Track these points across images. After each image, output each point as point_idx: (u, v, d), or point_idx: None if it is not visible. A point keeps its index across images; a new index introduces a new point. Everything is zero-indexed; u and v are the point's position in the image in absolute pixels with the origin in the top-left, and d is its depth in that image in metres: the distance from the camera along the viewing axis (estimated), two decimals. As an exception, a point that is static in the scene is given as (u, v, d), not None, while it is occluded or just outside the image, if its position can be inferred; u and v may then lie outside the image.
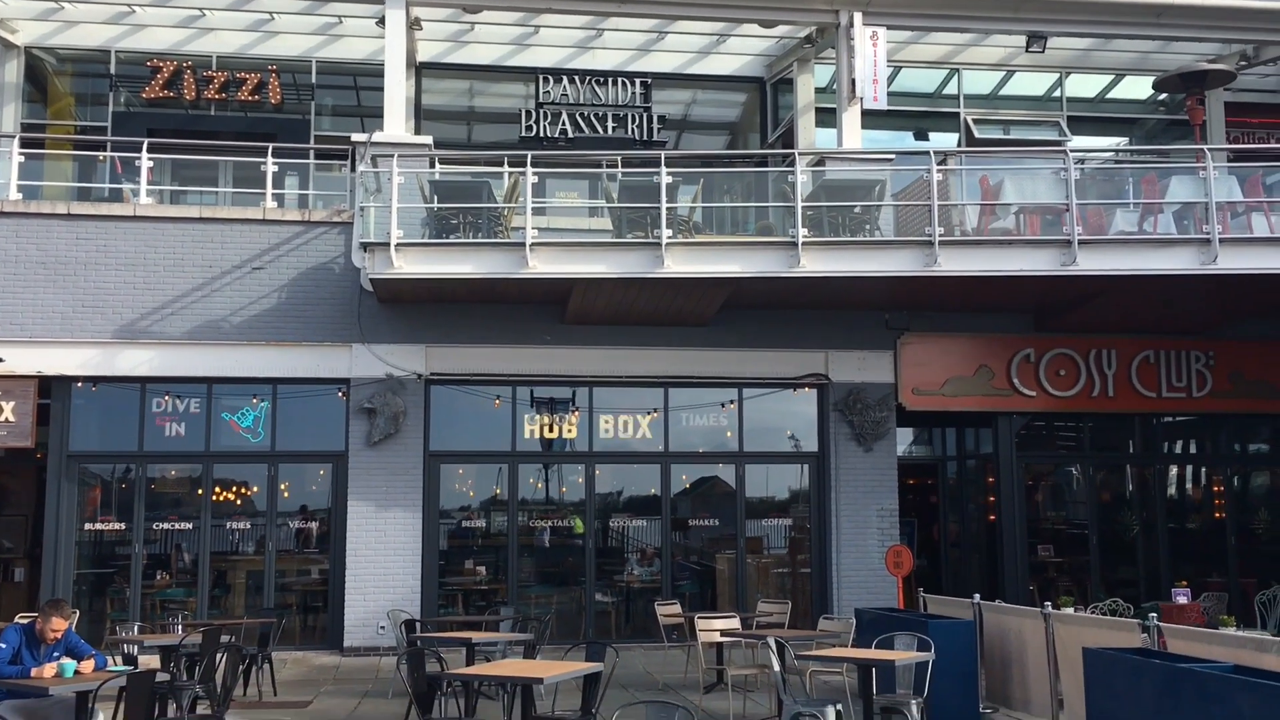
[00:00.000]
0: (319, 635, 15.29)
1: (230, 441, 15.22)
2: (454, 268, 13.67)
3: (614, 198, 14.50)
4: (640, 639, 15.05)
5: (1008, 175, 14.65)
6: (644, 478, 16.17)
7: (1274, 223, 14.18)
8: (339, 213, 15.31)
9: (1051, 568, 17.04)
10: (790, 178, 14.05)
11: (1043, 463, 17.52)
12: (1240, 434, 17.76)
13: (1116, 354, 16.40)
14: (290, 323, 15.00)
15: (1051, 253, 13.65)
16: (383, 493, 14.97)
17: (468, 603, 15.68)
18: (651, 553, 16.11)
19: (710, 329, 15.60)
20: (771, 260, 13.66)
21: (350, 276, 15.06)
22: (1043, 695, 10.22)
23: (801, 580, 16.23)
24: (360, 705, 11.66)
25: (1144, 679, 7.33)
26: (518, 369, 15.46)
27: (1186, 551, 17.10)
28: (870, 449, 15.81)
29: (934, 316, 16.02)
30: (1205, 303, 15.40)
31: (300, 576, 15.63)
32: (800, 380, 15.99)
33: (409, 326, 15.19)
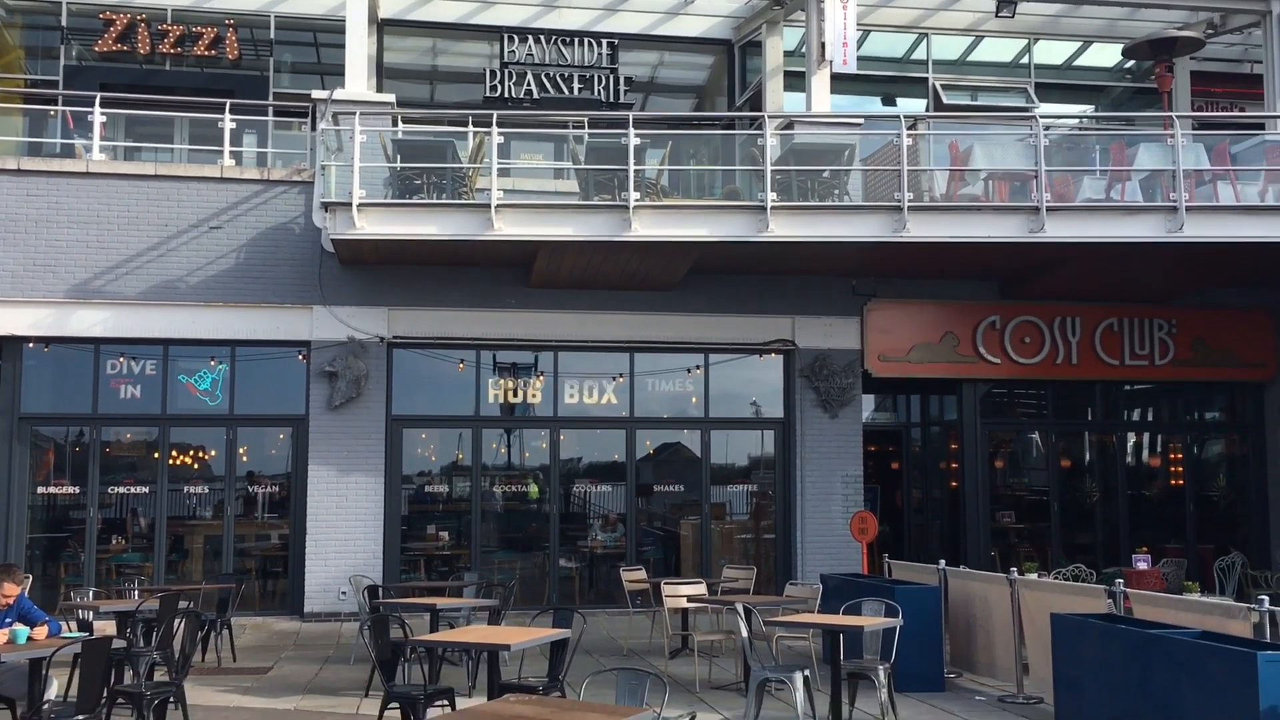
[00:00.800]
0: (279, 601, 15.11)
1: (187, 404, 14.93)
2: (417, 229, 13.42)
3: (581, 159, 14.29)
4: (604, 605, 15.00)
5: (977, 141, 14.59)
6: (609, 443, 16.07)
7: (1239, 191, 14.22)
8: (299, 171, 14.99)
9: (1013, 534, 17.16)
10: (759, 141, 13.90)
11: (1006, 430, 17.60)
12: (1200, 402, 17.92)
13: (1080, 322, 16.46)
14: (249, 284, 14.70)
15: (1020, 219, 13.61)
16: (344, 457, 14.76)
17: (430, 568, 15.55)
18: (615, 518, 16.04)
19: (677, 294, 15.46)
20: (740, 224, 13.53)
21: (311, 237, 14.76)
22: (1008, 660, 10.26)
23: (766, 546, 16.23)
24: (321, 671, 11.52)
25: (1112, 644, 7.34)
26: (482, 333, 15.27)
27: (1146, 518, 17.27)
28: (836, 415, 15.79)
29: (901, 283, 15.99)
30: (1170, 271, 15.46)
31: (259, 542, 15.41)
32: (767, 346, 15.92)
33: (371, 288, 14.94)
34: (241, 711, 9.63)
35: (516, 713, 5.46)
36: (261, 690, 10.51)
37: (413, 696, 7.84)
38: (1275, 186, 14.39)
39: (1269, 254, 14.34)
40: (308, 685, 10.79)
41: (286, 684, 10.84)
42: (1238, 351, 16.79)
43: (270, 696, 10.22)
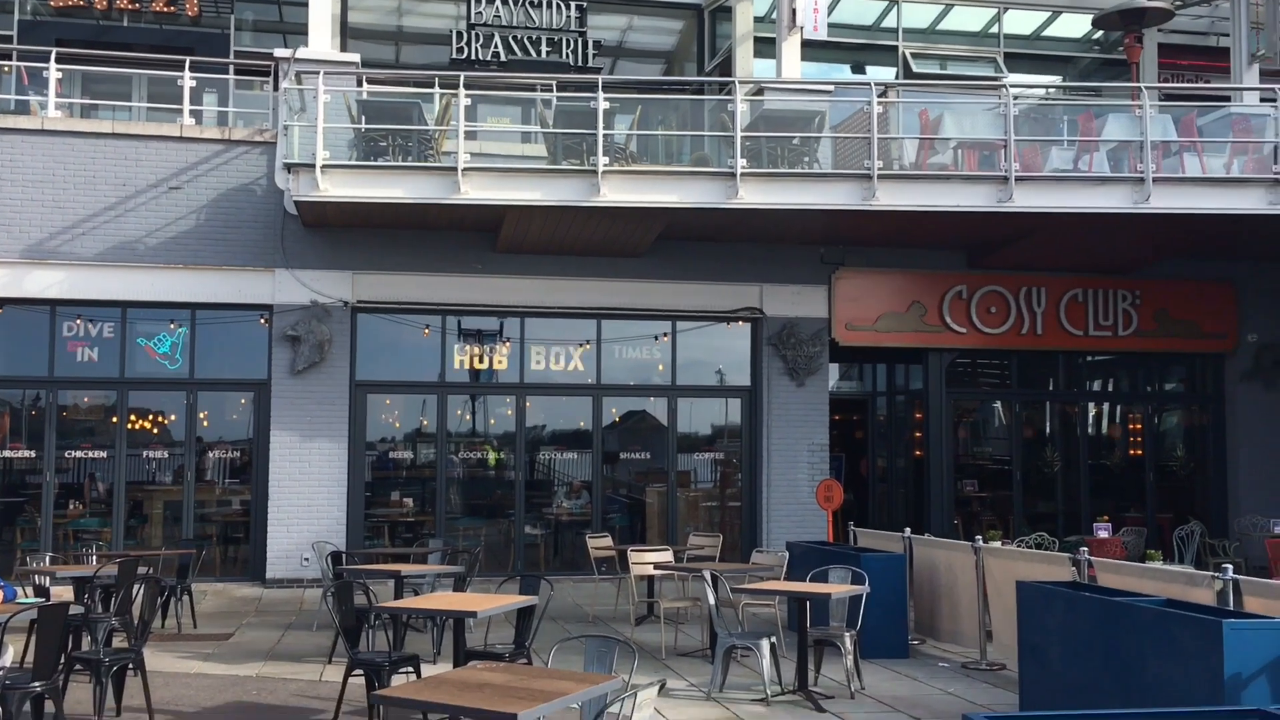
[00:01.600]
0: (240, 567, 14.96)
1: (146, 368, 14.69)
2: (383, 192, 13.22)
3: (549, 123, 14.11)
4: (569, 571, 14.97)
5: (947, 110, 14.54)
6: (575, 410, 15.99)
7: (1205, 164, 14.28)
8: (261, 132, 14.71)
9: (976, 502, 17.28)
10: (729, 107, 13.79)
11: (970, 399, 17.69)
12: (1161, 373, 18.09)
13: (1046, 292, 16.53)
14: (209, 245, 14.45)
15: (988, 189, 13.60)
16: (307, 423, 14.59)
17: (394, 535, 15.44)
18: (580, 486, 15.99)
19: (645, 260, 15.36)
20: (709, 191, 13.42)
21: (273, 199, 14.51)
22: (972, 627, 10.33)
23: (731, 514, 16.25)
24: (284, 638, 11.42)
25: (1078, 612, 7.37)
26: (447, 298, 15.10)
27: (1106, 487, 17.45)
28: (803, 384, 15.79)
29: (869, 252, 15.97)
30: (1134, 242, 15.53)
31: (220, 507, 15.24)
32: (734, 314, 15.87)
33: (335, 252, 14.73)
34: (202, 678, 9.53)
35: (484, 680, 5.40)
36: (223, 657, 10.41)
37: (377, 664, 7.76)
38: (1240, 159, 14.47)
39: (1233, 226, 14.43)
40: (270, 652, 10.69)
41: (248, 650, 10.73)
42: (1200, 323, 16.93)
43: (232, 663, 10.11)
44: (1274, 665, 5.90)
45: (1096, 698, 7.04)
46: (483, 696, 5.05)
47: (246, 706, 8.52)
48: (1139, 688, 6.69)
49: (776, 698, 8.62)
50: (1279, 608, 6.66)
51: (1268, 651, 5.90)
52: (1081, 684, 7.27)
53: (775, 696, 8.62)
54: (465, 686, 5.27)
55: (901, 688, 9.19)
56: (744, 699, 8.69)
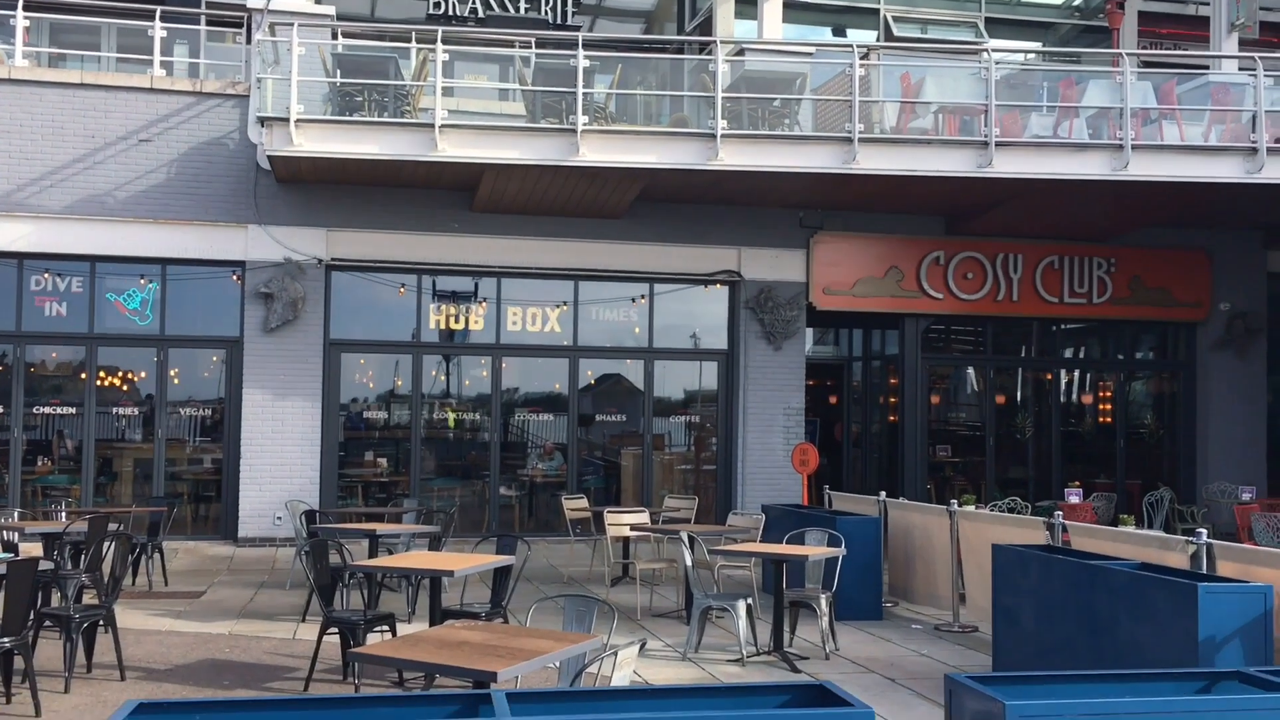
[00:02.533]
0: (211, 525, 14.86)
1: (116, 324, 14.48)
2: (358, 147, 13.02)
3: (528, 81, 13.94)
4: (544, 533, 14.94)
5: (929, 74, 14.45)
6: (551, 372, 15.91)
7: (1184, 132, 14.28)
8: (234, 85, 14.45)
9: (948, 467, 17.38)
10: (710, 67, 13.63)
11: (945, 365, 17.74)
12: (1134, 340, 18.19)
13: (1022, 259, 16.55)
14: (180, 200, 14.22)
15: (969, 154, 13.55)
16: (280, 381, 14.45)
17: (367, 495, 15.37)
18: (556, 448, 15.95)
19: (623, 222, 15.25)
20: (689, 152, 13.30)
21: (246, 153, 14.29)
22: (945, 590, 10.39)
23: (706, 477, 16.26)
24: (256, 596, 11.36)
25: (1053, 575, 7.41)
26: (423, 257, 14.95)
27: (1077, 454, 17.59)
28: (780, 348, 15.77)
29: (848, 216, 15.93)
30: (1111, 209, 15.55)
31: (191, 466, 15.09)
32: (712, 277, 15.80)
33: (309, 208, 14.53)
34: (174, 635, 9.46)
35: (462, 638, 5.36)
36: (194, 614, 10.34)
37: (352, 622, 7.72)
38: (1218, 128, 14.48)
39: (1209, 194, 14.47)
40: (242, 610, 10.63)
41: (220, 608, 10.67)
42: (1173, 291, 17.02)
43: (204, 621, 10.05)
44: (1247, 629, 5.95)
45: (1069, 659, 7.10)
46: (461, 654, 5.01)
47: (219, 664, 8.46)
48: (1112, 649, 6.74)
49: (752, 658, 8.65)
50: (1252, 572, 6.71)
51: (1241, 615, 5.95)
52: (1055, 645, 7.32)
53: (751, 657, 8.65)
54: (443, 644, 5.23)
55: (876, 649, 9.25)
56: (720, 659, 8.71)
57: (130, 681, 7.85)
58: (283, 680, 8.04)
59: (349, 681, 7.86)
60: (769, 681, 5.03)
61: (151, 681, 7.87)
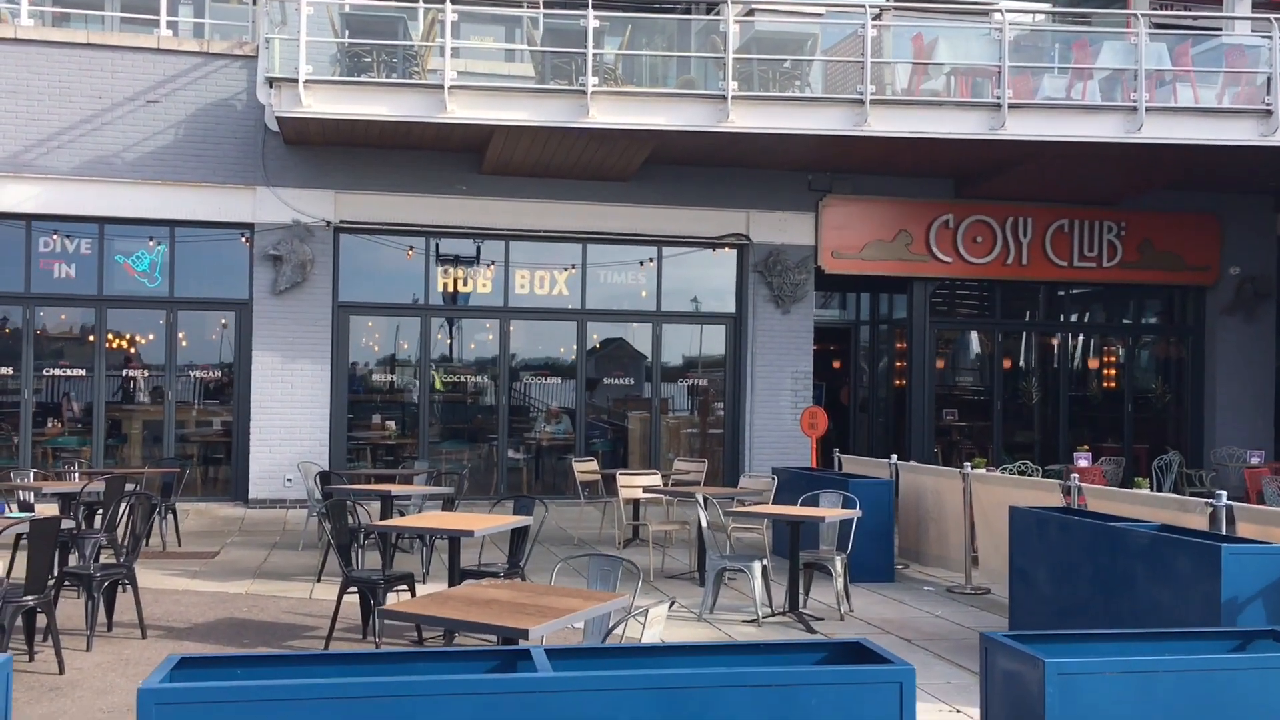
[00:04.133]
0: (221, 487, 14.90)
1: (125, 286, 14.45)
2: (367, 109, 12.94)
3: (537, 42, 13.83)
4: (552, 496, 14.97)
5: (942, 34, 14.34)
6: (559, 335, 15.90)
7: (1198, 94, 14.20)
8: (241, 45, 14.34)
9: (955, 431, 17.40)
10: (721, 28, 13.52)
11: (953, 329, 17.72)
12: (1143, 304, 18.17)
13: (1032, 222, 16.50)
14: (188, 162, 14.15)
15: (981, 116, 13.48)
16: (289, 344, 14.45)
17: (375, 458, 15.40)
18: (559, 410, 15.96)
19: (631, 185, 15.19)
20: (699, 114, 13.23)
21: (254, 114, 14.20)
22: (958, 553, 10.43)
23: (713, 440, 16.29)
24: (270, 556, 11.40)
25: (1071, 537, 7.43)
26: (432, 219, 14.90)
27: (1084, 418, 17.61)
28: (788, 311, 15.76)
29: (856, 179, 15.86)
30: (1122, 172, 15.49)
31: (201, 428, 15.11)
32: (721, 240, 15.76)
33: (317, 171, 14.47)
34: (191, 594, 9.50)
35: (491, 596, 5.38)
36: (210, 574, 10.39)
37: (373, 581, 7.75)
38: (1232, 90, 14.40)
39: (1222, 157, 14.42)
40: (257, 570, 10.67)
41: (235, 569, 10.72)
42: (1183, 255, 16.98)
43: (220, 580, 10.09)
44: (1270, 590, 5.96)
45: (1088, 621, 7.13)
46: (491, 612, 5.03)
47: (238, 622, 8.50)
48: (1131, 611, 6.77)
49: (768, 619, 8.70)
50: (1272, 533, 6.74)
51: (1264, 576, 5.97)
52: (1073, 607, 7.35)
53: (766, 618, 8.70)
54: (472, 602, 5.24)
55: (889, 610, 9.29)
56: (735, 620, 8.76)
57: (151, 640, 7.89)
58: (302, 639, 8.08)
59: (369, 640, 7.91)
60: (806, 639, 5.05)
61: (172, 639, 7.92)
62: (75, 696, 6.59)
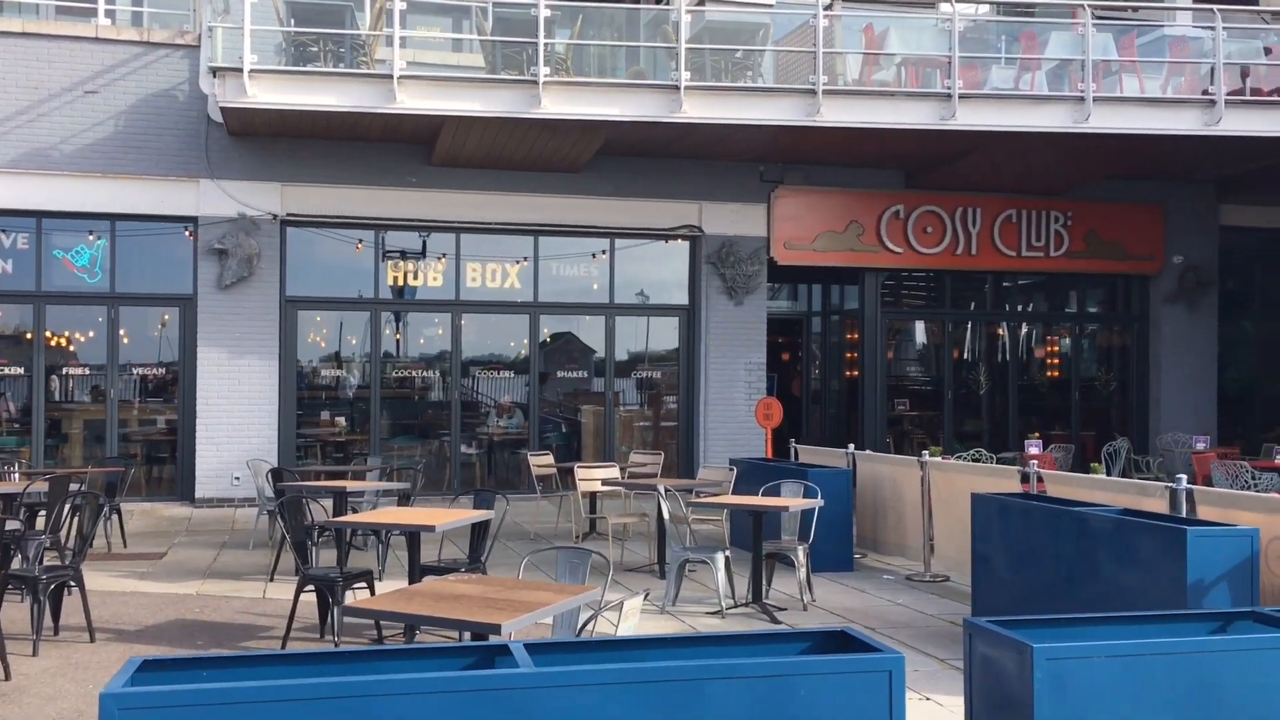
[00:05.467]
0: (167, 487, 14.57)
1: (64, 282, 14.08)
2: (314, 99, 12.69)
3: (487, 31, 13.65)
4: (506, 490, 14.80)
5: (892, 25, 14.38)
6: (511, 329, 15.74)
7: (1144, 84, 14.37)
8: (183, 34, 14.02)
9: (907, 421, 17.51)
10: (672, 17, 13.44)
11: (904, 319, 17.81)
12: (1089, 294, 18.39)
13: (981, 212, 16.62)
14: (129, 154, 13.80)
15: (931, 106, 13.53)
16: (235, 339, 14.15)
17: (325, 454, 15.15)
18: (512, 405, 15.81)
19: (584, 176, 15.07)
20: (652, 104, 13.14)
21: (196, 105, 13.89)
22: (916, 541, 10.46)
23: (667, 433, 16.23)
24: (220, 556, 11.15)
25: (1034, 522, 7.46)
26: (381, 212, 14.68)
27: (1032, 406, 17.79)
28: (741, 302, 15.73)
29: (808, 170, 15.88)
30: (1069, 162, 15.65)
31: (145, 426, 14.77)
32: (673, 232, 15.69)
33: (263, 162, 14.18)
34: (139, 596, 9.25)
35: (460, 591, 5.26)
36: (159, 575, 10.13)
37: (331, 579, 7.57)
38: (1176, 80, 14.60)
39: (1167, 146, 14.61)
40: (207, 570, 10.43)
41: (184, 569, 10.46)
42: (1128, 244, 17.21)
43: (169, 581, 9.84)
44: (1234, 572, 6.01)
45: (1051, 606, 7.15)
46: (461, 607, 4.91)
47: (190, 624, 8.29)
48: (1095, 595, 6.80)
49: (731, 610, 8.65)
50: (1233, 515, 6.80)
51: (1229, 558, 6.01)
52: (1036, 592, 7.38)
53: (730, 609, 8.65)
54: (440, 598, 5.12)
55: (851, 599, 9.29)
56: (698, 612, 8.70)
57: (100, 643, 7.66)
58: (258, 639, 7.89)
59: (327, 639, 7.74)
60: (790, 629, 4.99)
61: (122, 643, 7.69)
62: (23, 703, 6.36)
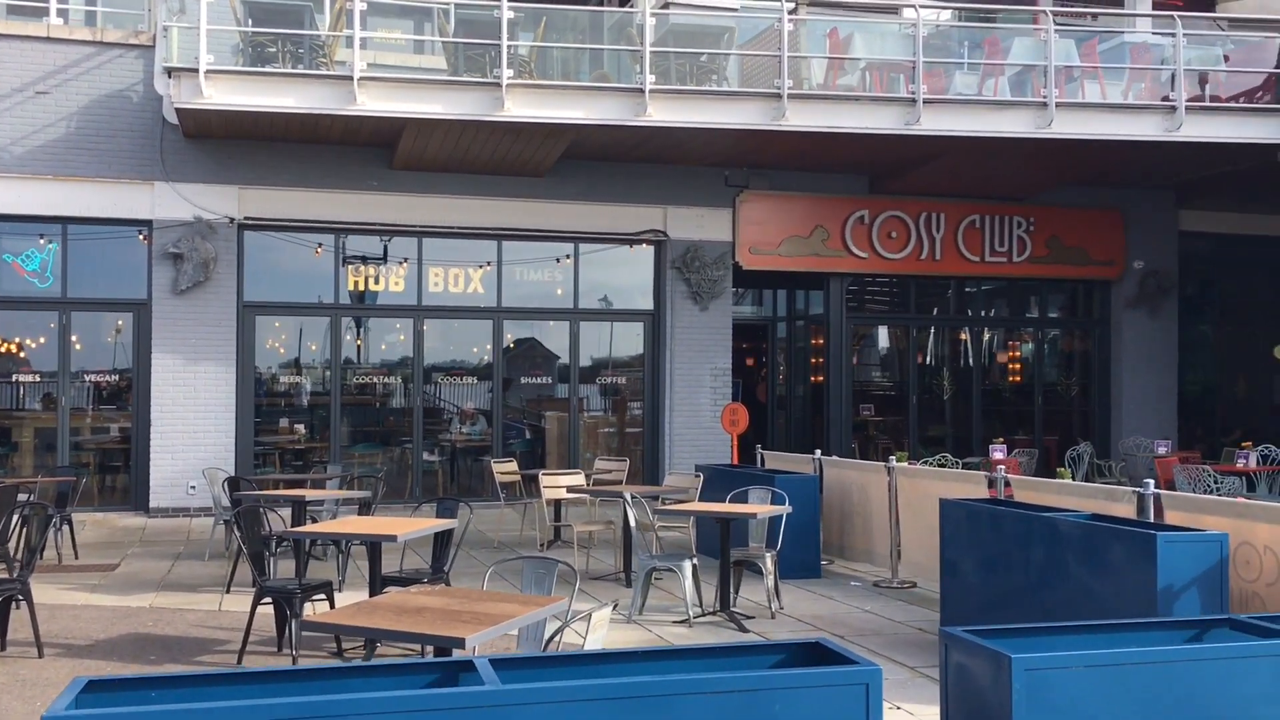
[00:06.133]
0: (120, 496, 14.26)
1: (13, 286, 13.75)
2: (273, 100, 12.48)
3: (449, 33, 13.50)
4: (469, 498, 14.58)
5: (857, 30, 14.37)
6: (474, 334, 15.57)
7: (1106, 90, 14.44)
8: (137, 34, 13.75)
9: (872, 426, 17.49)
10: (637, 20, 13.35)
11: (869, 324, 17.80)
12: (1051, 299, 18.47)
13: (945, 218, 16.64)
14: (82, 156, 13.51)
15: (896, 111, 13.52)
16: (191, 345, 13.88)
17: (284, 463, 14.90)
18: (475, 411, 15.63)
19: (548, 180, 14.94)
20: (617, 108, 13.04)
21: (151, 106, 13.62)
22: (883, 547, 10.40)
23: (632, 439, 16.11)
24: (174, 568, 10.90)
25: (1003, 528, 7.39)
26: (341, 216, 14.47)
27: (996, 411, 17.85)
28: (706, 308, 15.65)
29: (773, 175, 15.83)
30: (1031, 168, 15.70)
31: (97, 434, 14.46)
32: (638, 236, 15.58)
33: (220, 165, 13.93)
34: (90, 609, 9.00)
35: (422, 604, 5.10)
36: (111, 588, 9.87)
37: (289, 591, 7.38)
38: (1137, 86, 14.68)
39: (1128, 152, 14.69)
40: (161, 582, 10.18)
41: (137, 581, 10.20)
42: (1089, 250, 17.30)
43: (121, 594, 9.59)
44: (1204, 577, 5.97)
45: (1021, 612, 7.09)
46: (424, 620, 4.76)
47: (143, 638, 8.06)
48: (1064, 601, 6.74)
49: (699, 619, 8.54)
50: (1200, 520, 6.77)
51: (1199, 564, 5.97)
52: (1005, 598, 7.31)
53: (697, 618, 8.53)
54: (402, 611, 4.97)
55: (820, 607, 9.20)
56: (665, 621, 8.58)
57: (49, 659, 7.42)
58: (213, 653, 7.68)
59: (285, 653, 7.54)
60: (763, 641, 4.89)
61: (72, 658, 7.45)
62: (-33, 723, 6.13)
